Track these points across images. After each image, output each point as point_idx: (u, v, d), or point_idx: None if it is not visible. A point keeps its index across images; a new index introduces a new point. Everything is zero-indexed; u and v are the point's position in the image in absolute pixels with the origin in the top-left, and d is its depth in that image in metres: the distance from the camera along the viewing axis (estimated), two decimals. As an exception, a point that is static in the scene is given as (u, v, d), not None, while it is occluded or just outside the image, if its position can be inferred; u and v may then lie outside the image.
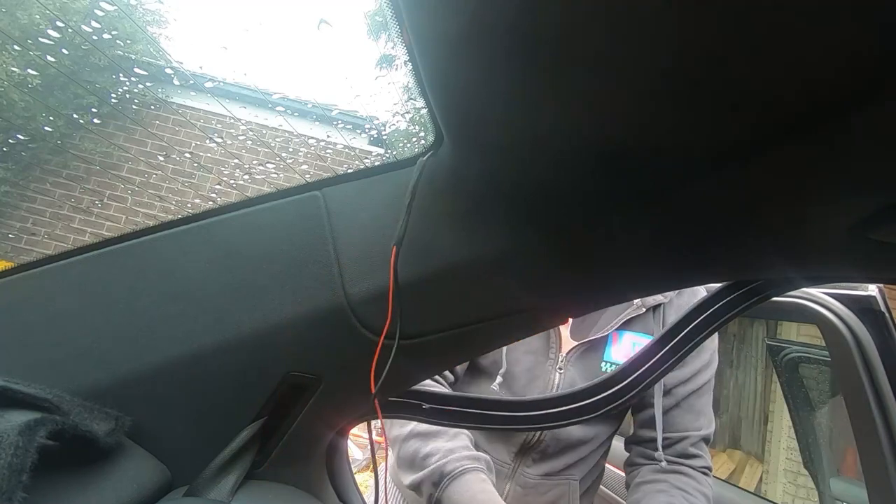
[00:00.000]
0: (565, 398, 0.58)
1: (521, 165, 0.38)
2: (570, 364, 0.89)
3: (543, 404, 0.58)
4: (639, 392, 0.57)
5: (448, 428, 0.83)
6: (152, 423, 0.45)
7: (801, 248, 0.38)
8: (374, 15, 5.82)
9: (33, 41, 4.43)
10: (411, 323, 0.46)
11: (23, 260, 1.57)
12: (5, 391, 0.32)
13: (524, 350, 0.90)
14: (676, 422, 0.91)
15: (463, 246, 0.44)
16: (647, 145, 0.30)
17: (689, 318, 0.54)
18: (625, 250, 0.43)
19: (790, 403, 2.02)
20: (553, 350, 0.90)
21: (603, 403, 0.57)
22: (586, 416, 0.58)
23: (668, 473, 0.89)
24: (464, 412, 0.57)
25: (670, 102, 0.25)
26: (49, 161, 5.22)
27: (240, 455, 0.46)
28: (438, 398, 0.57)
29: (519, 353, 0.90)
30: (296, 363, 0.46)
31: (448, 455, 0.80)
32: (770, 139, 0.27)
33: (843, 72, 0.21)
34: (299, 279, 0.46)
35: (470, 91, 0.32)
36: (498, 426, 0.58)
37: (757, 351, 3.96)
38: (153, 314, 0.45)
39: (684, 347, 0.55)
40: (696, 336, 0.55)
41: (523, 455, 0.90)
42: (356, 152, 5.58)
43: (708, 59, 0.22)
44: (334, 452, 0.59)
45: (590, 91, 0.27)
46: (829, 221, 0.33)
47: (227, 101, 5.23)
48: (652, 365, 0.56)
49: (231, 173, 5.43)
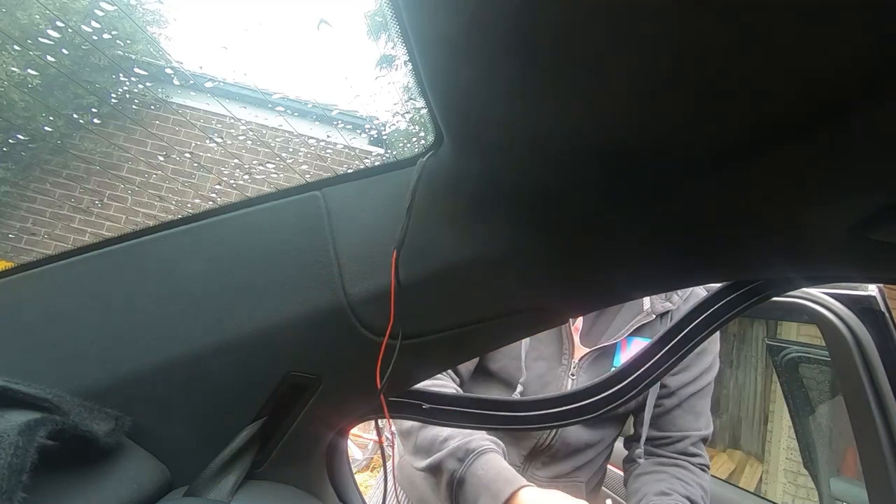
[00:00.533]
0: (566, 398, 0.58)
1: (521, 165, 0.38)
2: (582, 370, 0.90)
3: (545, 404, 0.58)
4: (639, 392, 0.57)
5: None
6: (152, 423, 0.45)
7: (801, 248, 0.38)
8: (374, 15, 5.83)
9: (33, 41, 4.43)
10: (412, 323, 0.46)
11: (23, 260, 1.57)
12: (5, 391, 0.32)
13: (535, 356, 0.91)
14: (678, 422, 0.93)
15: (463, 246, 0.44)
16: (647, 145, 0.30)
17: (689, 319, 0.54)
18: (625, 250, 0.43)
19: (790, 403, 2.02)
20: (566, 357, 0.91)
21: (603, 403, 0.57)
22: (587, 416, 0.58)
23: (668, 466, 0.91)
24: (464, 412, 0.57)
25: (670, 102, 0.25)
26: (49, 161, 5.23)
27: (240, 455, 0.46)
28: (438, 398, 0.57)
29: (531, 359, 0.90)
30: (296, 363, 0.46)
31: (470, 435, 0.81)
32: (770, 139, 0.27)
33: (843, 72, 0.21)
34: (299, 279, 0.46)
35: (470, 91, 0.32)
36: (499, 426, 0.58)
37: (757, 351, 3.97)
38: (153, 314, 0.45)
39: (684, 348, 0.55)
40: (696, 336, 0.55)
41: (533, 458, 0.91)
42: (356, 152, 5.58)
43: (708, 60, 0.22)
44: (334, 452, 0.59)
45: (590, 91, 0.27)
46: (829, 221, 0.33)
47: (227, 101, 5.23)
48: (652, 365, 0.56)
49: (231, 173, 5.43)
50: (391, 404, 0.56)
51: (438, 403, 0.57)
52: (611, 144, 0.31)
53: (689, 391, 0.92)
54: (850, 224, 0.32)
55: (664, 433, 0.93)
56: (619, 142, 0.30)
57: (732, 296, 0.52)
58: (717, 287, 0.53)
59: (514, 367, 0.89)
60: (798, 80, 0.22)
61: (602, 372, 0.89)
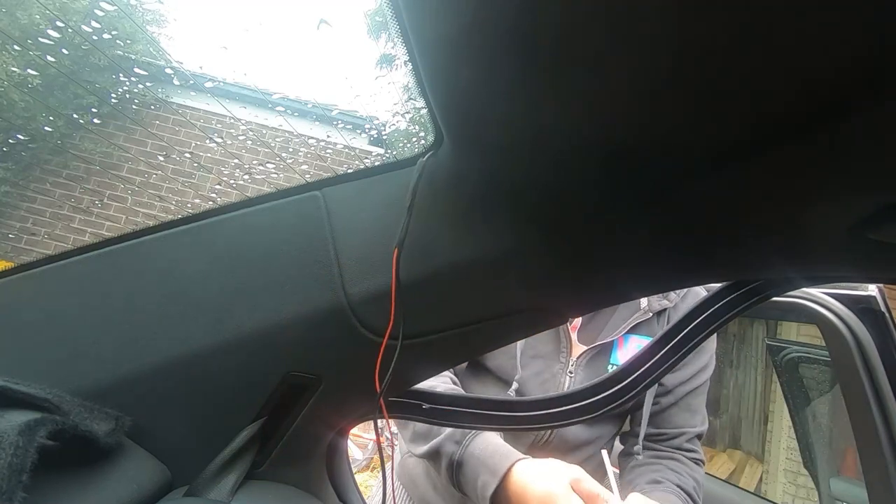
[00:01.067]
0: (566, 398, 0.58)
1: (522, 165, 0.38)
2: (580, 368, 0.91)
3: (545, 404, 0.58)
4: (639, 392, 0.57)
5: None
6: (152, 423, 0.45)
7: (801, 248, 0.38)
8: (374, 15, 5.83)
9: (33, 41, 4.43)
10: (412, 323, 0.46)
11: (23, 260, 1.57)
12: (5, 391, 0.32)
13: (532, 355, 0.91)
14: (674, 419, 0.94)
15: (463, 246, 0.44)
16: (647, 145, 0.30)
17: (689, 318, 0.54)
18: (625, 250, 0.43)
19: (790, 403, 2.02)
20: (563, 354, 0.91)
21: (603, 403, 0.57)
22: (587, 416, 0.58)
23: (663, 459, 0.93)
24: (464, 412, 0.57)
25: (670, 102, 0.25)
26: (49, 161, 5.23)
27: (240, 455, 0.46)
28: (438, 398, 0.57)
29: (527, 357, 0.91)
30: (296, 363, 0.46)
31: None
32: (770, 139, 0.27)
33: (843, 72, 0.21)
34: (299, 279, 0.45)
35: (470, 91, 0.32)
36: (498, 426, 0.58)
37: (757, 351, 3.97)
38: (153, 314, 0.45)
39: (684, 347, 0.55)
40: (696, 336, 0.55)
41: (531, 454, 0.91)
42: (356, 152, 5.58)
43: (708, 60, 0.22)
44: (334, 452, 0.59)
45: (590, 91, 0.27)
46: (829, 221, 0.33)
47: (227, 101, 5.23)
48: (652, 365, 0.56)
49: (231, 173, 5.43)
50: (391, 404, 0.56)
51: (438, 403, 0.57)
52: (611, 144, 0.31)
53: (686, 389, 0.93)
54: (850, 224, 0.31)
55: (660, 430, 0.94)
56: (619, 142, 0.30)
57: (733, 296, 0.52)
58: (718, 287, 0.53)
59: (510, 364, 0.90)
60: (798, 80, 0.22)
61: (600, 369, 0.90)
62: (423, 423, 0.82)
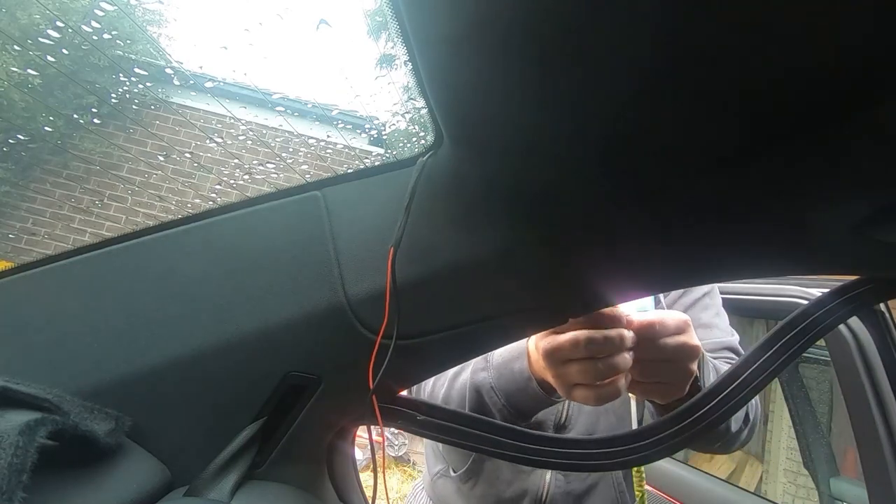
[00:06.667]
0: (568, 442, 0.54)
1: (521, 165, 0.38)
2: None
3: (550, 442, 0.54)
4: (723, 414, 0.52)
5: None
6: (152, 423, 0.45)
7: (802, 248, 0.38)
8: (374, 15, 5.83)
9: (33, 41, 4.43)
10: (411, 322, 0.46)
11: (23, 260, 1.57)
12: (5, 391, 0.32)
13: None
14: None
15: (463, 246, 0.44)
16: (646, 145, 0.30)
17: (789, 327, 0.51)
18: (625, 250, 0.43)
19: (790, 403, 2.02)
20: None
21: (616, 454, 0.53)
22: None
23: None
24: (457, 429, 0.54)
25: (670, 102, 0.25)
26: (49, 161, 5.23)
27: (240, 455, 0.46)
28: (434, 411, 0.54)
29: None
30: (296, 363, 0.46)
31: (466, 366, 0.77)
32: (770, 139, 0.27)
33: (843, 72, 0.21)
34: (299, 279, 0.45)
35: (470, 91, 0.32)
36: (488, 448, 0.54)
37: (757, 351, 3.95)
38: (153, 314, 0.45)
39: (780, 359, 0.51)
40: (794, 345, 0.51)
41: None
42: (356, 152, 5.58)
43: (708, 60, 0.22)
44: (334, 452, 0.58)
45: (589, 91, 0.27)
46: (829, 221, 0.33)
47: (227, 101, 5.23)
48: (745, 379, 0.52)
49: (231, 173, 5.43)
50: (386, 411, 0.54)
51: (433, 416, 0.54)
52: (610, 144, 0.31)
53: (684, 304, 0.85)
54: (850, 224, 0.32)
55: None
56: (619, 142, 0.30)
57: (834, 303, 0.50)
58: (817, 296, 0.51)
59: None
60: (798, 80, 0.22)
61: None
62: (439, 389, 0.79)
